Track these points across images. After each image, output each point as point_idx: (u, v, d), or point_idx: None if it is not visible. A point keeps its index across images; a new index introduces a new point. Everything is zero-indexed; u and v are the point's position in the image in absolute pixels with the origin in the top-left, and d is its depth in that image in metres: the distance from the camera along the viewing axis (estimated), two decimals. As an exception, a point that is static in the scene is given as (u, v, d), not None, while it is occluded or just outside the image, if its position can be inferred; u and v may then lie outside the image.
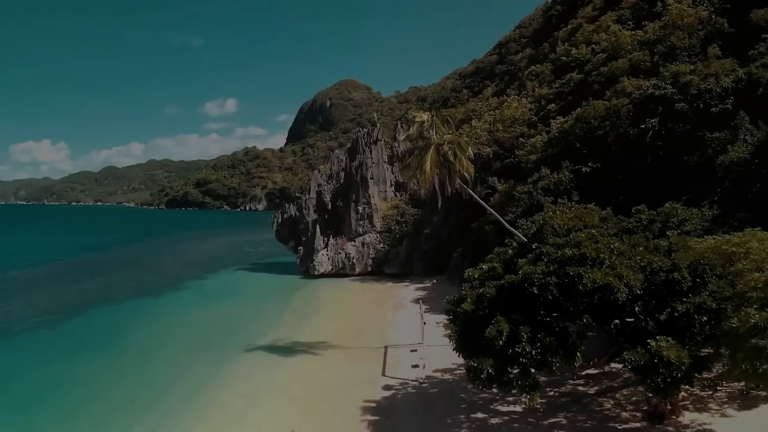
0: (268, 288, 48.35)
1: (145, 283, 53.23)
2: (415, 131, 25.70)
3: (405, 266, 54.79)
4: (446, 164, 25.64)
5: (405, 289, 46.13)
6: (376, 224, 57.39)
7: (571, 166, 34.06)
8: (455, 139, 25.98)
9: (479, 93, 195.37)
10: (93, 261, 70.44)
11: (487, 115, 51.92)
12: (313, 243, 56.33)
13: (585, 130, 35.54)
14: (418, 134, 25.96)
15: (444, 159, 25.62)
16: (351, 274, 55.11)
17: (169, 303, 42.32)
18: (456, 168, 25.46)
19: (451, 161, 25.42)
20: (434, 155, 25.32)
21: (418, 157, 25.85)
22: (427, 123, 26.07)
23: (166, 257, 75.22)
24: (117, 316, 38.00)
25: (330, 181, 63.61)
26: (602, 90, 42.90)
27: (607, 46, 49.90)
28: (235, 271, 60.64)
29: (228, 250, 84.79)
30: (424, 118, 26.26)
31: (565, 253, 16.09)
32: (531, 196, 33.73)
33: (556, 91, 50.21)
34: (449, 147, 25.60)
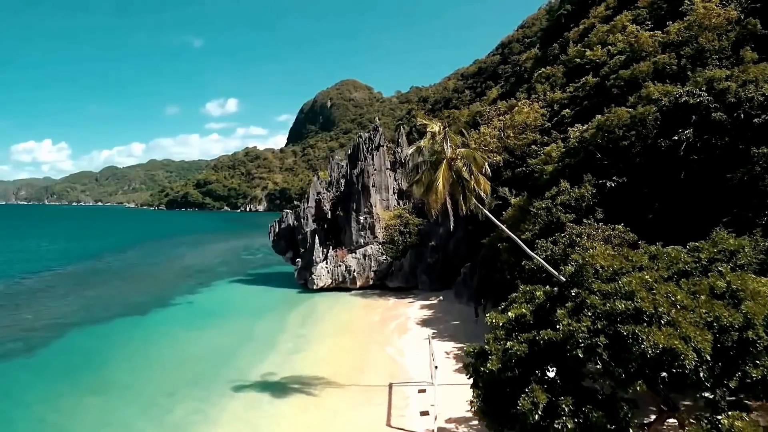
0: (263, 305, 45.33)
1: (134, 297, 50.23)
2: (427, 143, 22.68)
3: (409, 280, 51.81)
4: (460, 181, 22.64)
5: (409, 307, 43.13)
6: (378, 235, 54.43)
7: (594, 179, 31.05)
8: (470, 154, 22.99)
9: (482, 94, 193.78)
10: (83, 271, 67.42)
11: (496, 121, 48.87)
12: (311, 255, 53.36)
13: (608, 140, 32.53)
14: (430, 147, 22.96)
15: (457, 176, 22.62)
16: (352, 288, 52.13)
17: (157, 324, 39.32)
18: (471, 186, 22.47)
19: (465, 178, 22.42)
20: (446, 171, 22.32)
21: (429, 172, 22.84)
22: (439, 135, 23.07)
23: (160, 266, 72.22)
24: (99, 341, 35.03)
25: (330, 189, 60.65)
26: (622, 95, 39.92)
27: (624, 47, 46.93)
28: (229, 283, 57.65)
29: (224, 258, 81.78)
30: (436, 129, 23.28)
31: (616, 306, 13.12)
32: (550, 212, 30.71)
33: (570, 96, 47.18)
34: (463, 162, 22.61)
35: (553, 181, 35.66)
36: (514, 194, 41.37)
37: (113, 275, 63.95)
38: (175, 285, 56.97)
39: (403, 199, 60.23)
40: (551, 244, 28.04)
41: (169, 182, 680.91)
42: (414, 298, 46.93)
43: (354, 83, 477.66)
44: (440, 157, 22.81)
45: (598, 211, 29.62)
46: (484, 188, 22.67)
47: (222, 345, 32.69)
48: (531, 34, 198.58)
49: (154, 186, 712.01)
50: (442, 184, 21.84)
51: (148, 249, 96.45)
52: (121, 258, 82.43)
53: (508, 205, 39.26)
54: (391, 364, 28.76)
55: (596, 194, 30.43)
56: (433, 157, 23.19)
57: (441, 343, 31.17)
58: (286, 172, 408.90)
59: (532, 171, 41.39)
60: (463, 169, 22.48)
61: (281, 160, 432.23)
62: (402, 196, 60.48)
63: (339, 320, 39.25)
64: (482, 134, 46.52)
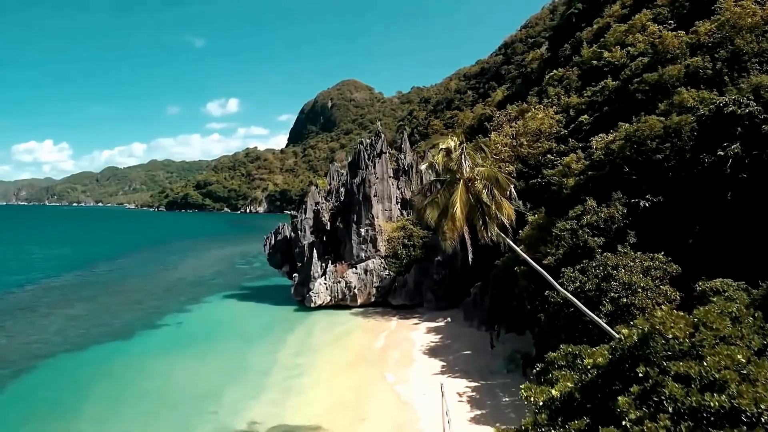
0: (257, 327, 41.96)
1: (120, 316, 46.92)
2: (441, 160, 19.31)
3: (413, 297, 48.47)
4: (479, 206, 19.30)
5: (414, 330, 39.75)
6: (381, 248, 51.05)
7: (624, 198, 27.63)
8: (492, 174, 19.63)
9: (485, 95, 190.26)
10: (71, 284, 64.06)
11: (508, 127, 45.45)
12: (309, 269, 49.98)
13: (638, 153, 29.11)
14: (444, 166, 19.61)
15: (476, 199, 19.27)
16: (352, 306, 48.79)
17: (138, 353, 35.96)
18: (492, 212, 19.11)
19: (486, 203, 19.06)
20: (464, 194, 18.97)
21: (444, 193, 19.48)
22: (456, 151, 19.72)
23: (152, 278, 68.87)
24: (72, 376, 31.71)
25: (329, 198, 57.27)
26: (648, 101, 36.50)
27: (646, 48, 43.50)
28: (222, 299, 54.29)
29: (218, 268, 78.43)
30: (451, 145, 19.92)
31: (705, 401, 9.81)
32: (575, 235, 27.29)
33: (588, 100, 43.73)
34: (483, 184, 19.24)
35: (575, 197, 32.27)
36: (528, 207, 37.97)
37: (102, 289, 60.59)
38: (165, 301, 53.64)
39: (406, 209, 56.89)
40: (579, 273, 24.66)
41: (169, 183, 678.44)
42: (419, 319, 43.54)
43: (355, 83, 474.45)
44: (456, 176, 19.49)
45: (630, 235, 26.19)
46: (508, 214, 19.29)
47: (207, 383, 29.28)
48: (534, 33, 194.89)
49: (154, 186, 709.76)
50: (460, 209, 18.47)
51: (142, 257, 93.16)
52: (112, 267, 79.13)
53: (523, 220, 35.84)
54: (396, 407, 25.36)
55: (627, 215, 27.02)
56: (449, 176, 19.87)
57: (452, 381, 27.79)
58: (287, 173, 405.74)
59: (549, 183, 38.00)
60: (483, 192, 19.11)
61: (282, 161, 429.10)
62: (405, 206, 57.14)
63: (337, 348, 35.85)
64: (493, 142, 43.08)
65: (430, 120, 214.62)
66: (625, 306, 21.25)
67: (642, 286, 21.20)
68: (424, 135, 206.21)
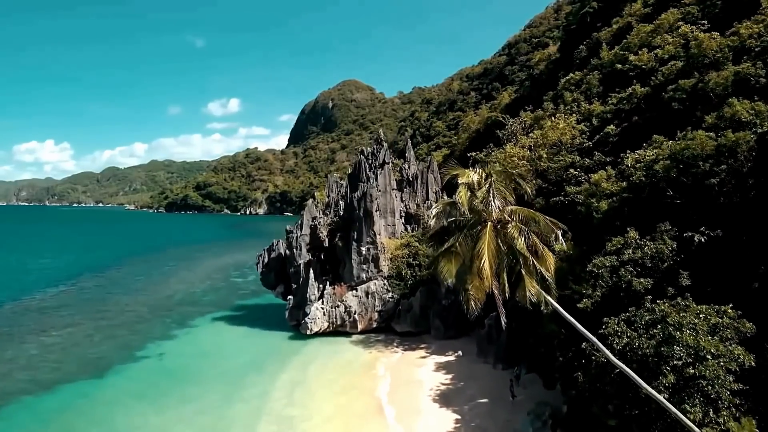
0: (245, 362, 37.69)
1: (97, 346, 42.75)
2: (465, 199, 15.08)
3: (419, 323, 44.23)
4: (512, 257, 15.10)
5: (422, 367, 35.51)
6: (383, 268, 46.83)
7: (673, 230, 23.38)
8: (530, 216, 15.42)
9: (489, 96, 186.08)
10: (53, 303, 59.74)
11: (524, 138, 41.18)
12: (305, 291, 45.78)
13: (685, 174, 24.88)
14: (468, 205, 15.38)
15: (508, 247, 15.07)
16: (352, 332, 44.60)
17: (112, 395, 31.92)
18: (529, 263, 14.91)
19: (522, 253, 14.85)
20: (492, 242, 14.75)
21: (466, 241, 15.26)
22: (481, 187, 15.51)
23: (140, 294, 64.64)
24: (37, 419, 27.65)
25: (327, 211, 53.06)
26: (687, 112, 32.28)
27: (677, 51, 39.26)
28: (211, 323, 50.09)
29: (211, 282, 74.21)
30: (474, 179, 15.72)
31: None
32: (617, 274, 23.05)
33: (614, 109, 39.47)
34: (518, 228, 15.02)
35: (609, 223, 28.06)
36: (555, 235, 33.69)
37: (84, 309, 56.39)
38: (150, 324, 49.48)
39: (410, 224, 52.70)
40: (625, 324, 20.44)
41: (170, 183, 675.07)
42: (426, 351, 39.33)
43: (355, 83, 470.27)
44: (482, 218, 15.30)
45: (683, 275, 21.95)
46: (551, 267, 15.10)
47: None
48: (539, 33, 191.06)
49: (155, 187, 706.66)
50: (489, 263, 14.23)
51: (133, 268, 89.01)
52: (100, 281, 75.00)
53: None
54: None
55: (678, 250, 22.76)
56: (471, 216, 15.66)
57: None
58: (287, 174, 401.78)
59: (573, 201, 33.78)
60: (518, 239, 14.90)
61: (282, 161, 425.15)
62: (410, 220, 52.93)
63: (336, 393, 31.61)
64: (508, 154, 38.84)
65: (433, 121, 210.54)
66: (692, 377, 17.09)
67: (712, 351, 17.01)
68: (426, 137, 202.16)
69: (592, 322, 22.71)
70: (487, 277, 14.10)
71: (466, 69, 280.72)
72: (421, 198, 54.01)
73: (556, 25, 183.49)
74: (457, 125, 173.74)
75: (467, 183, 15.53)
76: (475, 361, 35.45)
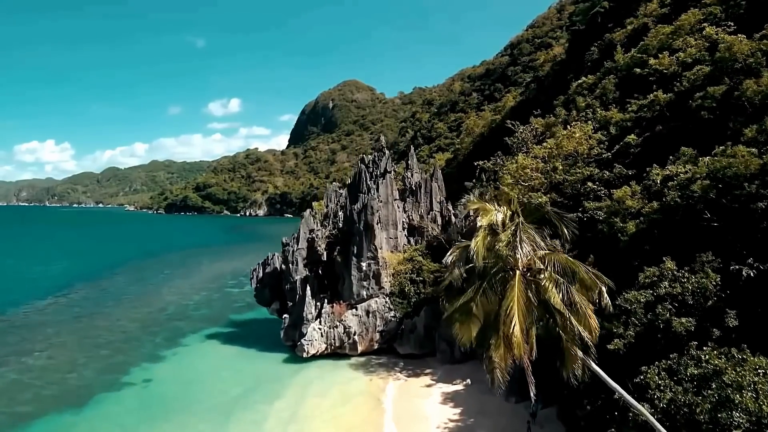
0: (237, 390, 34.83)
1: (79, 370, 39.94)
2: (481, 248, 12.31)
3: (423, 345, 41.41)
4: (549, 315, 12.30)
5: (428, 398, 32.70)
6: (385, 285, 44.02)
7: (716, 261, 20.58)
8: (567, 263, 12.66)
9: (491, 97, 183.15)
10: (38, 320, 56.60)
11: (537, 148, 38.34)
12: (302, 310, 42.98)
13: (728, 197, 22.07)
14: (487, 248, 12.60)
15: (541, 303, 12.27)
16: (351, 354, 41.80)
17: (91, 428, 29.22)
18: (570, 326, 12.10)
19: (561, 312, 12.06)
20: (521, 295, 11.97)
21: (487, 296, 12.46)
22: (506, 229, 12.72)
23: (130, 307, 61.82)
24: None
25: (326, 223, 50.28)
26: (718, 122, 29.47)
27: (702, 55, 36.44)
28: (202, 342, 47.28)
29: (206, 293, 71.38)
30: (498, 219, 12.96)
31: None
32: (653, 311, 20.25)
33: (635, 117, 36.63)
34: (553, 280, 12.22)
35: (637, 247, 25.27)
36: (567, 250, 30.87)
37: (71, 325, 53.61)
38: (138, 343, 46.70)
39: (414, 236, 49.87)
40: (666, 374, 17.66)
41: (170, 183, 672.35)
42: (432, 377, 36.51)
43: (356, 84, 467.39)
44: (508, 266, 12.54)
45: (730, 315, 19.14)
46: (594, 331, 12.32)
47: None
48: (542, 33, 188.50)
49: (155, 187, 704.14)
50: (519, 324, 11.46)
51: (127, 276, 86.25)
52: (91, 292, 72.22)
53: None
54: None
55: (722, 285, 19.96)
56: (494, 263, 12.90)
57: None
58: (287, 175, 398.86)
59: (593, 219, 30.98)
60: (553, 294, 12.12)
61: (282, 162, 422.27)
62: (413, 233, 50.10)
63: (335, 427, 28.80)
64: (521, 166, 36.02)
65: (434, 123, 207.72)
66: (758, 451, 14.34)
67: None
68: (428, 138, 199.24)
69: (624, 365, 19.94)
70: (517, 345, 11.33)
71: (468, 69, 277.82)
72: (425, 208, 51.19)
73: (559, 25, 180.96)
74: (458, 127, 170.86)
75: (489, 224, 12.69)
76: (485, 391, 32.37)
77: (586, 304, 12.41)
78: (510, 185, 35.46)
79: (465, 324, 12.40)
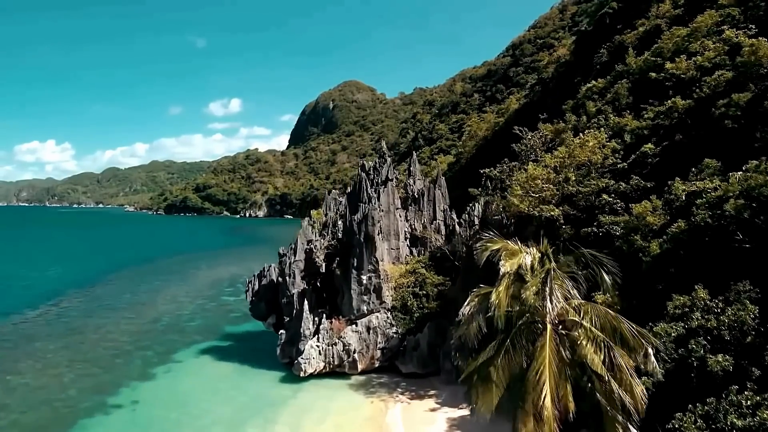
0: (231, 412, 32.88)
1: (64, 391, 37.87)
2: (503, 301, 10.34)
3: (427, 363, 39.40)
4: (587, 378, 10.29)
5: (431, 425, 30.74)
6: (386, 299, 42.05)
7: (753, 290, 18.58)
8: (607, 317, 10.66)
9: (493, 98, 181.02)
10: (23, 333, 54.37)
11: (547, 157, 36.32)
12: (299, 325, 40.97)
13: (761, 216, 20.08)
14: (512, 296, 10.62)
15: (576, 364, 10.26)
16: (351, 373, 39.81)
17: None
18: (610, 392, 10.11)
19: (598, 374, 10.08)
20: (553, 355, 10.00)
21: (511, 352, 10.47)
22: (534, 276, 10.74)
23: (121, 317, 59.80)
24: None
25: (324, 232, 48.30)
26: (744, 132, 27.45)
27: (722, 59, 34.40)
28: (195, 358, 45.25)
29: (202, 301, 69.40)
30: (525, 262, 10.96)
31: None
32: (684, 347, 18.24)
33: (651, 124, 34.60)
34: (591, 337, 10.22)
35: (662, 270, 23.26)
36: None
37: (60, 338, 51.58)
38: (129, 359, 44.73)
39: (416, 246, 47.89)
40: (703, 422, 15.68)
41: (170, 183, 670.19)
42: (436, 400, 34.52)
43: (356, 84, 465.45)
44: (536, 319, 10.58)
45: (774, 353, 17.16)
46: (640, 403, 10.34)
47: None
48: (544, 34, 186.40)
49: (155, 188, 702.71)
50: (550, 395, 9.50)
51: (122, 283, 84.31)
52: (84, 301, 70.28)
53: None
54: None
55: (762, 318, 17.96)
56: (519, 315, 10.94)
57: None
58: (287, 176, 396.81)
59: (609, 234, 28.99)
60: (589, 351, 10.16)
61: (282, 163, 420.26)
62: (416, 243, 48.11)
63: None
64: (531, 176, 33.99)
65: (435, 124, 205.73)
66: None
67: None
68: (429, 140, 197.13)
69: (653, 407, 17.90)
70: (548, 420, 9.35)
71: (468, 70, 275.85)
72: (428, 217, 49.21)
73: (561, 25, 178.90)
74: (460, 128, 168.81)
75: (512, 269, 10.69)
76: (494, 418, 30.52)
77: (628, 368, 10.41)
78: (519, 196, 33.46)
79: (484, 390, 10.46)
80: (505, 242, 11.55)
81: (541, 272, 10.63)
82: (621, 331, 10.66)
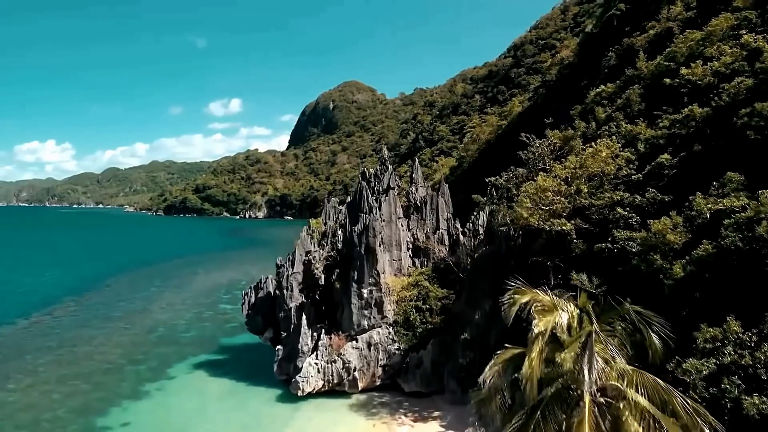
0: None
1: (55, 408, 36.28)
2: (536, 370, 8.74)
3: (430, 382, 37.76)
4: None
5: (436, 451, 29.11)
6: (388, 314, 40.40)
7: (794, 323, 16.95)
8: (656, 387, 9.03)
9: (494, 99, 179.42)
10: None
11: (558, 166, 34.66)
12: (297, 341, 39.35)
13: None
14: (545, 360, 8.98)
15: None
16: (351, 392, 38.18)
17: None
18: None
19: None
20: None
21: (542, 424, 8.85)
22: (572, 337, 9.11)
23: (114, 328, 58.14)
24: None
25: (324, 242, 46.63)
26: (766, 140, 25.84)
27: (740, 65, 32.76)
28: (189, 374, 43.56)
29: (198, 310, 67.72)
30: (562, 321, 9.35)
31: None
32: (717, 386, 16.61)
33: (667, 133, 32.95)
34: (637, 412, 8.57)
35: (685, 295, 21.63)
36: (595, 285, 27.16)
37: (51, 350, 49.91)
38: (120, 375, 43.08)
39: (419, 257, 46.23)
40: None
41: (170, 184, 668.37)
42: (441, 423, 32.92)
43: (357, 84, 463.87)
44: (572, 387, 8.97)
45: (818, 396, 15.53)
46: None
47: None
48: (545, 35, 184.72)
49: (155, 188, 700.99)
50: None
51: (118, 289, 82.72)
52: (78, 309, 68.68)
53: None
54: None
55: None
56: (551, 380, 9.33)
57: None
58: (287, 177, 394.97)
59: (624, 251, 27.36)
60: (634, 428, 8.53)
61: (282, 163, 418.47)
62: (418, 253, 46.46)
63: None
64: (540, 187, 32.33)
65: (436, 125, 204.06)
66: None
67: None
68: (429, 141, 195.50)
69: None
70: None
71: (469, 70, 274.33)
72: (431, 227, 47.56)
73: (563, 26, 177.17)
74: (461, 129, 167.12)
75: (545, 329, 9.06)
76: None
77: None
78: (528, 209, 31.81)
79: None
80: (535, 292, 9.93)
81: (580, 335, 9.00)
82: (672, 406, 9.08)
